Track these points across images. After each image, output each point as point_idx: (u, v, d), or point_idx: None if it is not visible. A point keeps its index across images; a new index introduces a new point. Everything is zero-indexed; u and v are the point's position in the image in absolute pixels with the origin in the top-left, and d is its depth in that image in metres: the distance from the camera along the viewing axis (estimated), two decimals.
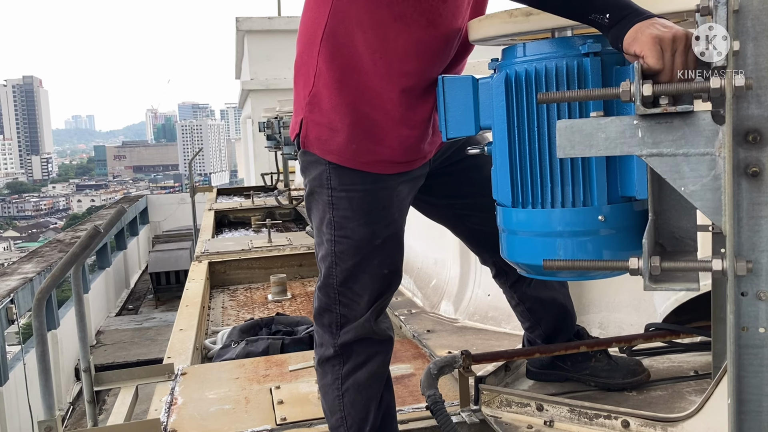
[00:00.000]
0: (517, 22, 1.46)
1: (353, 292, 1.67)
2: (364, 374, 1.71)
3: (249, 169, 17.14)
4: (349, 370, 1.71)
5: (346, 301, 1.68)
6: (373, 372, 1.72)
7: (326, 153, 1.62)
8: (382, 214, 1.66)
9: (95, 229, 2.27)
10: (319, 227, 1.69)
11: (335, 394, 1.72)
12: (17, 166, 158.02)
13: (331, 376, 1.72)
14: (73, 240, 8.44)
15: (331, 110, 1.59)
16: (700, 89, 1.10)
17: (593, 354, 2.10)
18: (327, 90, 1.59)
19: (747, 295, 1.10)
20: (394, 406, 1.82)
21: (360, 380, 1.71)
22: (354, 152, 1.61)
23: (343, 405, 1.71)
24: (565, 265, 1.39)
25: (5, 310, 5.70)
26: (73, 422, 6.47)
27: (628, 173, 1.44)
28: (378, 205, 1.65)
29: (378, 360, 1.73)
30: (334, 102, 1.58)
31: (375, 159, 1.63)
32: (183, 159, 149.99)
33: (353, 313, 1.68)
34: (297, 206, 8.14)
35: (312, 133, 1.63)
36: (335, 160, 1.62)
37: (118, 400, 2.64)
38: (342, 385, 1.71)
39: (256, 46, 14.11)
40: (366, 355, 1.71)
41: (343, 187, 1.63)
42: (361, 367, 1.71)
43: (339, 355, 1.70)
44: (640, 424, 1.75)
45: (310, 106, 1.62)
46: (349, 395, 1.71)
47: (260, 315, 4.18)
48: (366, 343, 1.70)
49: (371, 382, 1.72)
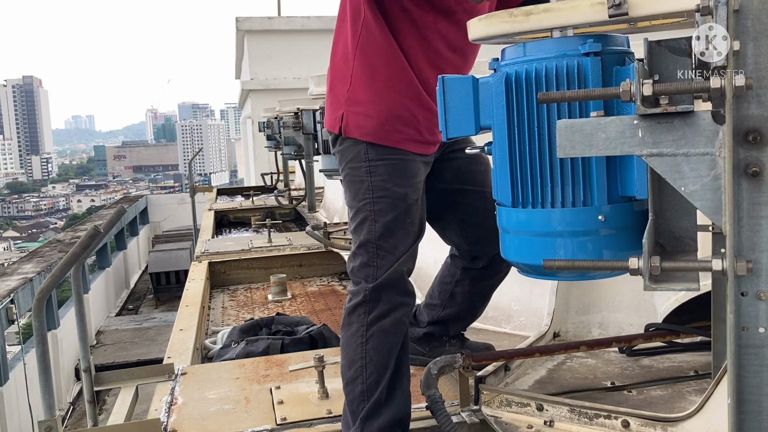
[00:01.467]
0: (517, 21, 1.46)
1: (389, 245, 1.93)
2: (390, 321, 1.90)
3: (249, 169, 17.15)
4: (375, 317, 1.90)
5: (382, 253, 1.93)
6: (397, 320, 1.91)
7: (364, 135, 1.98)
8: (411, 180, 1.98)
9: (95, 229, 2.27)
10: (356, 196, 1.98)
11: (358, 342, 1.90)
12: (17, 166, 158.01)
13: (357, 325, 1.91)
14: (73, 240, 8.45)
15: (367, 102, 1.97)
16: (700, 89, 1.10)
17: (447, 339, 2.40)
18: (362, 87, 1.98)
19: (747, 295, 1.10)
20: (408, 368, 1.97)
21: (385, 326, 1.90)
22: (387, 132, 1.96)
23: (366, 351, 1.88)
24: (565, 265, 1.39)
25: (5, 310, 5.70)
26: (73, 422, 6.47)
27: (628, 173, 1.44)
28: (408, 172, 1.98)
29: (402, 311, 1.93)
30: (368, 96, 1.97)
31: (403, 138, 1.97)
32: (183, 159, 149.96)
33: (387, 263, 1.93)
34: (297, 206, 8.15)
35: (351, 123, 1.99)
36: (371, 140, 1.97)
37: (118, 400, 2.64)
38: (367, 331, 1.89)
39: (256, 46, 14.12)
40: (392, 304, 1.91)
41: (379, 158, 1.96)
42: (387, 314, 1.90)
43: (367, 301, 1.91)
44: (640, 424, 1.75)
45: (348, 101, 2.00)
46: (373, 341, 1.89)
47: (260, 315, 4.17)
48: (393, 291, 1.92)
49: (395, 330, 1.91)
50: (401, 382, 1.93)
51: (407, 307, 1.96)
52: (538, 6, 1.44)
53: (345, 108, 2.00)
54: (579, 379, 2.24)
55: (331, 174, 4.71)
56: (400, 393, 1.92)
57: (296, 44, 13.81)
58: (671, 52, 1.37)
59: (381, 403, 1.88)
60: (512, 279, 2.81)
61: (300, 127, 6.26)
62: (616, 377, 2.22)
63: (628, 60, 1.48)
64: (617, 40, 1.51)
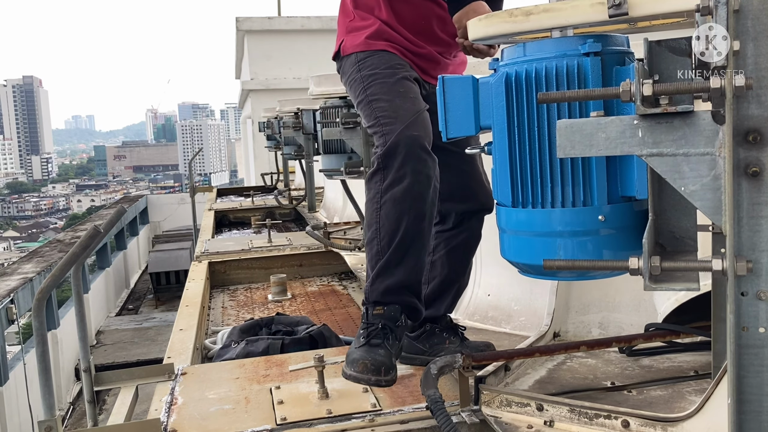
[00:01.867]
0: (517, 21, 1.46)
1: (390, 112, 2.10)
2: (400, 190, 2.03)
3: (249, 169, 17.15)
4: (387, 185, 2.04)
5: (385, 121, 2.09)
6: (407, 189, 2.02)
7: (354, 48, 2.32)
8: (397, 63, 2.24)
9: (95, 229, 2.27)
10: (356, 96, 2.26)
11: (374, 207, 2.08)
12: (17, 166, 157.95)
13: (373, 191, 2.09)
14: (73, 240, 8.45)
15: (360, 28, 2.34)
16: (700, 89, 1.10)
17: (447, 336, 2.42)
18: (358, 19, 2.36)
19: (747, 295, 1.11)
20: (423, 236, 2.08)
21: (396, 195, 2.03)
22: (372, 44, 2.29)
23: (380, 217, 2.06)
24: (565, 265, 1.39)
25: (5, 310, 5.70)
26: (73, 422, 6.47)
27: (628, 173, 1.44)
28: (393, 60, 2.25)
29: (412, 179, 2.02)
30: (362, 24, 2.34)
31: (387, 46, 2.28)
32: (183, 159, 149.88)
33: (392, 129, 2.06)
34: (297, 206, 8.15)
35: (347, 43, 2.36)
36: (361, 50, 2.30)
37: (118, 400, 2.63)
38: (381, 198, 2.05)
39: (256, 46, 14.12)
40: (402, 172, 2.02)
41: (367, 57, 2.27)
42: (398, 182, 2.02)
43: (380, 169, 2.06)
44: (640, 424, 1.75)
45: (347, 30, 2.38)
46: (385, 207, 2.04)
47: (260, 315, 4.17)
48: (403, 158, 2.02)
49: (405, 198, 2.02)
50: (414, 248, 2.06)
51: (419, 175, 2.03)
52: (538, 6, 1.44)
53: (344, 35, 2.37)
54: (579, 379, 2.24)
55: (331, 174, 4.71)
56: (413, 260, 2.06)
57: (296, 44, 13.81)
58: (671, 52, 1.37)
59: (392, 264, 2.05)
60: (512, 279, 2.81)
61: (300, 127, 6.26)
62: (616, 377, 2.21)
63: (628, 60, 1.48)
64: (617, 40, 1.51)
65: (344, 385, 2.41)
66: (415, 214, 2.04)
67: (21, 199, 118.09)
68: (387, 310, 2.09)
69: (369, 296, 2.13)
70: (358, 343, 2.11)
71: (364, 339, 2.09)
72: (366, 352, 2.05)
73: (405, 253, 2.04)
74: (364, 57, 2.28)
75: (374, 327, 2.08)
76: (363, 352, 2.05)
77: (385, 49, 2.27)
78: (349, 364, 2.09)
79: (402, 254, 2.04)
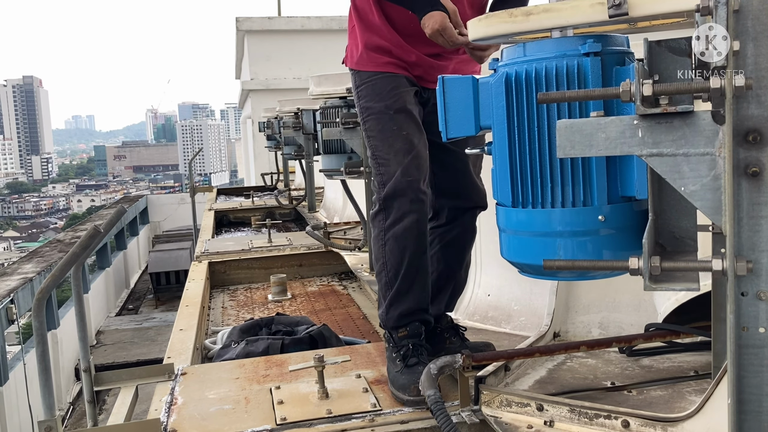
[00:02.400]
0: (517, 22, 1.46)
1: (385, 153, 2.25)
2: (401, 228, 2.22)
3: (249, 169, 17.15)
4: (389, 224, 2.23)
5: (382, 161, 2.26)
6: (408, 227, 2.21)
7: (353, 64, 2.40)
8: (391, 93, 2.29)
9: (95, 229, 2.27)
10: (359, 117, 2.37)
11: (380, 244, 2.27)
12: (17, 166, 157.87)
13: (377, 230, 2.27)
14: (73, 240, 8.45)
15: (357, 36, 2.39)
16: (700, 89, 1.10)
17: (447, 336, 2.48)
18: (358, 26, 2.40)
19: (747, 295, 1.11)
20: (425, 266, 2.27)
21: (398, 233, 2.22)
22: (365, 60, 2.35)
23: (385, 252, 2.25)
24: (565, 265, 1.39)
25: (5, 310, 5.70)
26: (73, 422, 6.47)
27: (628, 173, 1.44)
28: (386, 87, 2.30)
29: (411, 218, 2.21)
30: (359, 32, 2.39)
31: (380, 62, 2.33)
32: (183, 159, 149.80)
33: (389, 170, 2.23)
34: (297, 206, 8.15)
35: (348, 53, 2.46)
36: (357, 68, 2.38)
37: (118, 400, 2.63)
38: (385, 236, 2.24)
39: (256, 46, 14.11)
40: (402, 212, 2.21)
41: (362, 82, 2.34)
42: (399, 221, 2.21)
43: (382, 210, 2.25)
44: (640, 424, 1.75)
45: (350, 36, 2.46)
46: (389, 244, 2.23)
47: (260, 315, 4.17)
48: (403, 200, 2.20)
49: (407, 235, 2.21)
50: (419, 276, 2.24)
51: (417, 214, 2.22)
52: (538, 6, 1.44)
53: (349, 43, 2.47)
54: (579, 379, 2.24)
55: (331, 174, 4.71)
56: (419, 285, 2.25)
57: (296, 44, 13.82)
58: (671, 52, 1.37)
59: (401, 292, 2.24)
60: (512, 279, 2.81)
61: (300, 127, 6.26)
62: (616, 377, 2.22)
63: (628, 60, 1.48)
64: (617, 40, 1.51)
65: (344, 385, 2.42)
66: (416, 248, 2.23)
67: (21, 199, 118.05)
68: (410, 329, 2.27)
69: (386, 323, 2.31)
70: (395, 367, 2.24)
71: (401, 362, 2.23)
72: (410, 374, 2.18)
73: (412, 282, 2.22)
74: (362, 82, 2.37)
75: (406, 348, 2.24)
76: (408, 375, 2.19)
77: (380, 71, 2.33)
78: (400, 389, 2.20)
79: (409, 284, 2.22)
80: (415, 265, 2.23)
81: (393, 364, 2.26)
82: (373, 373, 2.54)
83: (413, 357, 2.21)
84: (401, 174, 2.21)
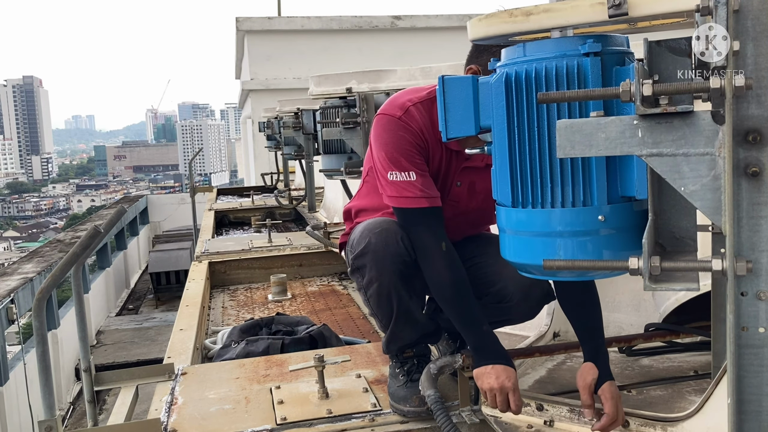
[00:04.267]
0: (517, 22, 1.46)
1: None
2: (377, 288, 2.06)
3: (249, 169, 17.15)
4: (366, 284, 2.09)
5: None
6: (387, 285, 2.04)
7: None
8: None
9: (95, 229, 2.27)
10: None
11: (364, 297, 2.15)
12: (17, 166, 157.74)
13: (358, 286, 2.15)
14: (73, 240, 8.44)
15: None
16: (700, 89, 1.10)
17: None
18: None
19: (747, 295, 1.11)
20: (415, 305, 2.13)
21: (377, 291, 2.06)
22: None
23: (371, 304, 2.13)
24: (565, 265, 1.39)
25: (5, 310, 5.69)
26: (74, 422, 6.47)
27: (628, 173, 1.44)
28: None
29: (387, 275, 2.03)
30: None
31: None
32: (183, 159, 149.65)
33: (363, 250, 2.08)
34: (297, 206, 8.14)
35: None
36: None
37: (118, 400, 2.63)
38: (366, 293, 2.11)
39: (256, 46, 14.12)
40: (375, 271, 2.04)
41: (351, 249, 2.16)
42: (374, 281, 2.05)
43: (355, 270, 2.12)
44: (640, 424, 1.75)
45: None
46: (373, 300, 2.10)
47: (260, 315, 4.17)
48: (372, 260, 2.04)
49: (388, 293, 2.05)
50: (410, 317, 2.12)
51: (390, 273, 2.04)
52: (538, 6, 1.44)
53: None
54: None
55: (331, 174, 4.71)
56: (411, 322, 2.13)
57: (296, 44, 13.82)
58: (671, 52, 1.37)
59: (396, 331, 2.15)
60: None
61: (300, 127, 6.26)
62: (616, 377, 2.21)
63: (628, 60, 1.48)
64: (617, 40, 1.51)
65: (344, 385, 2.42)
66: (401, 294, 2.07)
67: (21, 199, 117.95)
68: (416, 350, 2.23)
69: (389, 351, 2.25)
70: (398, 381, 2.22)
71: (404, 377, 2.20)
72: (413, 387, 2.16)
73: (405, 322, 2.12)
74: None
75: (411, 363, 2.21)
76: (411, 389, 2.17)
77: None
78: (401, 401, 2.18)
79: (402, 324, 2.12)
80: (403, 310, 2.09)
81: (395, 379, 2.22)
82: (373, 373, 2.54)
83: (417, 372, 2.17)
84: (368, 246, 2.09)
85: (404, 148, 2.02)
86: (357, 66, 6.32)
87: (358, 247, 2.07)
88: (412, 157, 2.02)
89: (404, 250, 2.02)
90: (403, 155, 2.01)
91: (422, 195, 2.02)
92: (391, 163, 2.01)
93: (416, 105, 2.05)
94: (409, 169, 2.01)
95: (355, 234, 2.13)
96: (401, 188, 2.01)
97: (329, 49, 13.56)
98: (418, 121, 2.03)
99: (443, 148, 2.08)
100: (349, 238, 2.22)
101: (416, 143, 2.02)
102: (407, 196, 2.01)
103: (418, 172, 2.01)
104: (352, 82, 4.05)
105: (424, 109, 2.04)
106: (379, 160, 2.06)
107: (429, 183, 2.04)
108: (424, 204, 2.01)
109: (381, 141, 2.05)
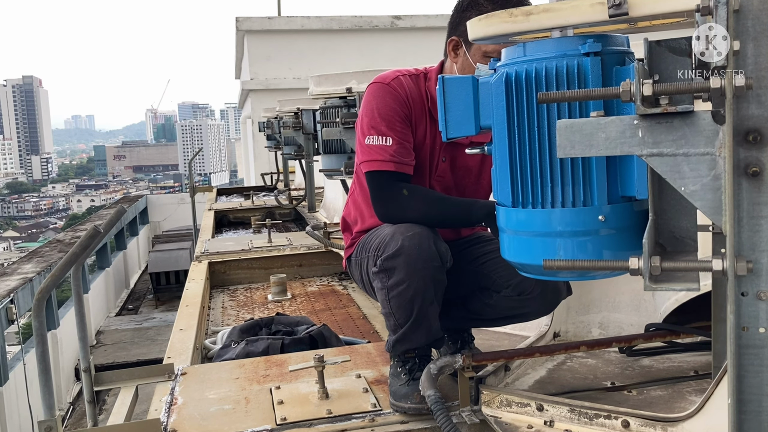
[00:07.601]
0: (517, 21, 1.46)
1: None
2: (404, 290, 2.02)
3: (249, 169, 17.15)
4: (392, 284, 2.03)
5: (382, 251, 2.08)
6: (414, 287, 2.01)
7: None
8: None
9: (95, 229, 2.27)
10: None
11: (384, 296, 2.08)
12: (17, 166, 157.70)
13: (380, 285, 2.08)
14: (73, 240, 8.44)
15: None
16: (700, 89, 1.10)
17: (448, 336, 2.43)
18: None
19: (747, 295, 1.11)
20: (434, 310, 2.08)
21: (402, 293, 2.02)
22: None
23: (391, 305, 2.07)
24: (565, 265, 1.39)
25: (5, 310, 5.70)
26: (73, 422, 6.47)
27: (628, 173, 1.44)
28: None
29: (417, 279, 2.00)
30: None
31: None
32: (183, 159, 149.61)
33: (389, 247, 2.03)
34: (297, 206, 8.14)
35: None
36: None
37: (118, 400, 2.63)
38: (389, 294, 2.06)
39: (256, 46, 14.11)
40: (405, 273, 2.00)
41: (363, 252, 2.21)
42: (402, 283, 2.01)
43: (382, 271, 2.05)
44: (640, 424, 1.75)
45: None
46: (394, 301, 2.05)
47: (260, 315, 4.17)
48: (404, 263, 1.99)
49: (413, 296, 2.02)
50: (426, 323, 2.09)
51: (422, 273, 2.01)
52: (538, 6, 1.44)
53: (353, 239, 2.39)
54: (579, 379, 2.24)
55: (331, 174, 4.71)
56: (424, 331, 2.10)
57: (296, 44, 13.82)
58: (671, 52, 1.37)
59: (408, 334, 2.11)
60: None
61: (300, 127, 6.26)
62: (616, 377, 2.22)
63: (628, 60, 1.48)
64: (617, 40, 1.51)
65: (344, 385, 2.42)
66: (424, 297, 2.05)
67: (21, 199, 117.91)
68: (419, 351, 2.19)
69: (393, 352, 2.21)
70: (399, 380, 2.19)
71: (406, 375, 2.18)
72: (415, 386, 2.14)
73: (420, 327, 2.09)
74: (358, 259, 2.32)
75: (413, 363, 2.18)
76: (412, 387, 2.15)
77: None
78: (402, 399, 2.16)
79: (416, 327, 2.09)
80: (423, 313, 2.07)
81: (397, 378, 2.21)
82: (373, 373, 2.54)
83: (419, 371, 2.16)
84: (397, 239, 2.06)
85: (387, 114, 2.09)
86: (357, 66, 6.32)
87: (389, 249, 2.03)
88: (392, 123, 2.08)
89: (436, 254, 2.02)
90: (385, 120, 2.08)
91: (391, 159, 2.06)
92: (372, 128, 2.09)
93: (405, 76, 2.16)
94: (386, 135, 2.08)
95: (382, 236, 2.08)
96: (374, 152, 2.07)
97: (329, 49, 13.56)
98: (405, 89, 2.12)
99: (429, 121, 2.13)
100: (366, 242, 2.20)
101: (401, 110, 2.09)
102: (376, 159, 2.07)
103: (395, 138, 2.06)
104: (352, 82, 4.05)
105: (413, 81, 2.14)
106: (361, 127, 2.13)
107: (405, 152, 2.09)
108: (391, 167, 2.05)
109: (367, 107, 2.13)
